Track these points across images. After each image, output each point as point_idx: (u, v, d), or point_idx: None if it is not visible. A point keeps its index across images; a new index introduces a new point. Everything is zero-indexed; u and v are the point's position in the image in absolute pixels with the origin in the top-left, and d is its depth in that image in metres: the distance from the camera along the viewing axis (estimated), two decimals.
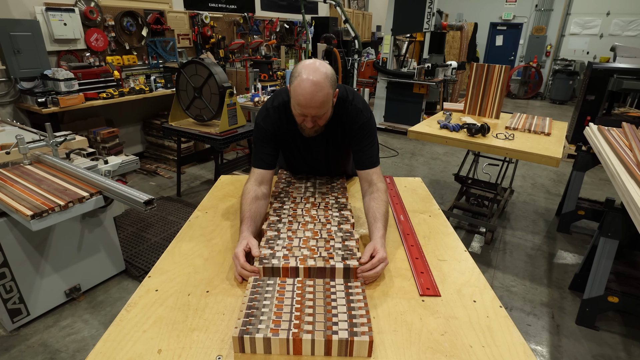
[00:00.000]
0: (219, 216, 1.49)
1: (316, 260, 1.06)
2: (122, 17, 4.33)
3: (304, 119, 1.28)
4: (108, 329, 0.90)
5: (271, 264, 1.03)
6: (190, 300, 1.01)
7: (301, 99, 1.19)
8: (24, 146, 2.11)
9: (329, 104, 1.26)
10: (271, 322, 0.87)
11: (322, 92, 1.19)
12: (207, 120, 3.35)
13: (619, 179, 1.87)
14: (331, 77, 1.22)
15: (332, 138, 1.47)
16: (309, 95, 1.18)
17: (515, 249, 3.04)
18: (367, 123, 1.41)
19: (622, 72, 4.15)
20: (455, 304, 1.01)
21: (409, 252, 1.25)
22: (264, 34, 6.41)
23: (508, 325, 0.93)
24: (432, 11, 5.85)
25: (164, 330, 0.90)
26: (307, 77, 1.17)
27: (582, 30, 9.53)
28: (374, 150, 1.42)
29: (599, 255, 2.10)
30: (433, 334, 0.90)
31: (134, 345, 0.86)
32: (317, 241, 1.17)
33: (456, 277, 1.12)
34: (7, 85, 3.61)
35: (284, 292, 0.97)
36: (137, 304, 0.99)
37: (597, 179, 4.53)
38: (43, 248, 2.13)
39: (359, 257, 1.08)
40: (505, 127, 2.94)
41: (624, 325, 2.26)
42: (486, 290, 1.06)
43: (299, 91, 1.19)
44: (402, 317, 0.96)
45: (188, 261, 1.19)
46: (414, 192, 1.72)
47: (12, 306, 2.06)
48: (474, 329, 0.92)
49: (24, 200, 1.75)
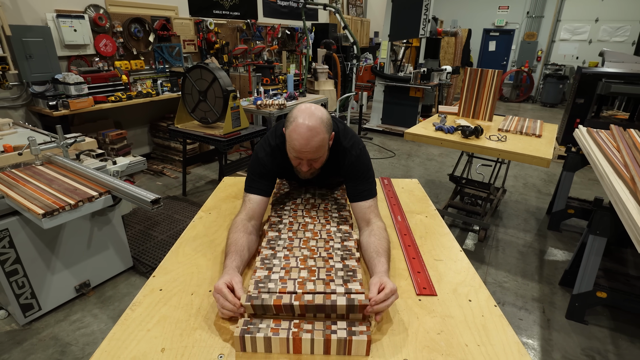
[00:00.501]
0: (222, 217, 1.48)
1: (316, 284, 0.96)
2: (130, 23, 4.33)
3: (299, 162, 1.24)
4: (113, 328, 0.89)
5: (261, 300, 0.87)
6: (193, 299, 0.99)
7: (296, 143, 1.16)
8: (35, 147, 2.11)
9: (325, 148, 1.22)
10: (271, 321, 0.86)
11: (318, 137, 1.15)
12: (212, 122, 3.35)
13: (607, 179, 1.87)
14: (327, 122, 1.18)
15: (326, 176, 1.44)
16: (304, 141, 1.14)
17: (508, 246, 3.04)
18: (357, 161, 1.33)
19: (610, 77, 4.15)
20: (451, 303, 1.00)
21: (406, 252, 1.24)
22: (266, 40, 6.41)
23: (503, 324, 0.92)
24: (428, 18, 5.85)
25: (168, 330, 0.89)
26: (303, 122, 1.14)
27: (572, 36, 9.53)
28: (368, 185, 1.32)
29: (588, 252, 2.10)
30: (429, 333, 0.89)
31: (138, 344, 0.85)
32: (317, 241, 1.17)
33: (452, 277, 1.11)
34: (20, 89, 3.61)
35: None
36: (142, 303, 0.98)
37: (586, 179, 4.53)
38: (54, 245, 2.13)
39: (361, 281, 0.98)
40: (498, 129, 2.94)
41: (612, 320, 2.26)
42: (481, 289, 1.06)
43: (294, 136, 1.15)
44: (399, 316, 0.95)
45: (192, 261, 1.17)
46: (410, 193, 1.71)
47: (24, 301, 2.06)
48: (469, 328, 0.91)
49: (36, 199, 1.75)
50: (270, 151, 1.35)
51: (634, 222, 1.49)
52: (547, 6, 9.85)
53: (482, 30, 10.86)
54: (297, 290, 0.93)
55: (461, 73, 7.63)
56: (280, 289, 0.93)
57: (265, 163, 1.34)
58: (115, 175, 2.25)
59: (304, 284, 0.96)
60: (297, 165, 1.27)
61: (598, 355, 2.00)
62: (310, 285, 0.95)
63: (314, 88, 5.49)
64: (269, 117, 3.91)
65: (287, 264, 1.05)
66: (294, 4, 7.12)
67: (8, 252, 1.94)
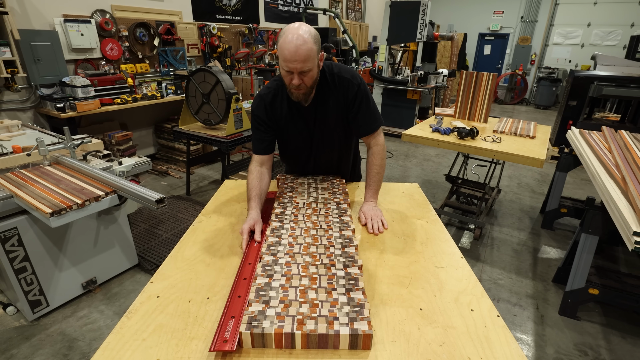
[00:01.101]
0: (222, 221, 1.42)
1: (317, 292, 0.93)
2: (136, 28, 4.33)
3: (291, 78, 1.26)
4: (107, 338, 0.85)
5: (262, 329, 0.82)
6: (190, 307, 0.95)
7: (286, 53, 1.19)
8: (43, 148, 2.11)
9: (314, 61, 1.24)
10: (275, 317, 0.84)
11: (306, 46, 1.18)
12: (215, 124, 3.35)
13: (599, 179, 1.87)
14: (315, 36, 1.22)
15: (321, 110, 1.46)
16: (294, 48, 1.17)
17: (502, 245, 3.03)
18: (360, 90, 1.41)
19: (602, 80, 4.15)
20: (452, 312, 0.95)
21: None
22: (268, 44, 6.41)
23: (506, 336, 0.87)
24: (425, 22, 5.85)
25: (163, 339, 0.84)
26: (292, 33, 1.18)
27: (565, 40, 9.52)
28: (373, 114, 1.46)
29: (580, 250, 2.10)
30: (431, 345, 0.84)
31: (133, 354, 0.80)
32: (317, 247, 1.12)
33: (453, 285, 1.05)
34: (28, 92, 3.61)
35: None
36: (138, 311, 0.93)
37: (579, 179, 4.52)
38: (61, 243, 2.13)
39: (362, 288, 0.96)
40: (492, 130, 2.93)
41: (603, 316, 2.25)
42: (483, 298, 1.00)
43: (284, 46, 1.19)
44: (400, 327, 0.89)
45: (190, 267, 1.13)
46: (411, 198, 1.65)
47: (33, 297, 2.06)
48: (472, 339, 0.86)
49: (44, 198, 1.75)
50: (259, 101, 1.45)
51: (624, 220, 1.48)
52: (541, 11, 9.85)
53: (477, 35, 10.86)
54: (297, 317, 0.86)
55: (457, 76, 7.63)
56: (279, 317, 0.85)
57: (257, 115, 1.46)
58: (121, 176, 2.25)
59: (305, 292, 0.93)
60: (289, 82, 1.29)
61: (590, 350, 2.00)
62: (312, 293, 0.92)
63: None
64: None
65: (289, 270, 1.01)
66: (294, 9, 7.12)
67: (17, 250, 1.94)
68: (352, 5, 8.97)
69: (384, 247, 1.23)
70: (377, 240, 1.28)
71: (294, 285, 0.95)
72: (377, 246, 1.24)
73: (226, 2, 5.62)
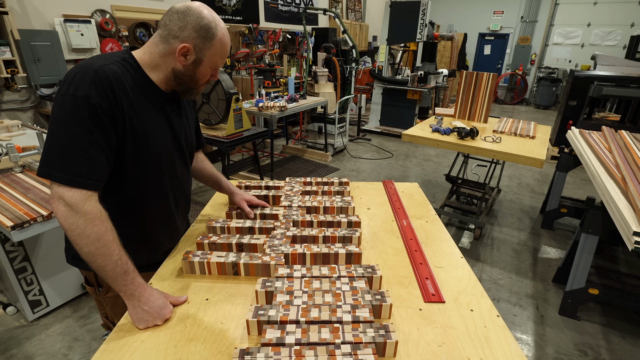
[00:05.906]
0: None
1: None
2: (135, 27, 4.33)
3: (214, 72, 1.05)
4: (107, 338, 0.85)
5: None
6: (189, 308, 0.94)
7: (227, 49, 1.02)
8: (14, 155, 2.02)
9: None
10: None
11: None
12: (215, 124, 3.35)
13: (599, 179, 1.87)
14: None
15: (183, 106, 1.16)
16: (229, 42, 1.03)
17: (502, 244, 3.03)
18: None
19: (602, 80, 4.15)
20: (452, 312, 0.94)
21: (412, 257, 1.17)
22: (268, 44, 6.41)
23: (506, 336, 0.87)
24: (425, 22, 5.85)
25: (162, 341, 0.84)
26: (223, 26, 1.00)
27: (565, 40, 9.53)
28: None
29: (580, 250, 2.10)
30: (431, 345, 0.83)
31: (132, 356, 0.80)
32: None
33: (453, 285, 1.05)
34: (28, 92, 3.61)
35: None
36: None
37: (579, 179, 4.52)
38: (62, 243, 2.13)
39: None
40: (492, 130, 2.94)
41: (603, 316, 2.26)
42: (483, 298, 1.00)
43: (226, 41, 1.00)
44: (400, 327, 0.89)
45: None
46: (411, 198, 1.64)
47: (33, 298, 2.06)
48: (471, 340, 0.86)
49: (7, 210, 1.65)
50: (97, 82, 0.84)
51: (624, 220, 1.48)
52: (541, 11, 9.85)
53: (477, 35, 10.87)
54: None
55: (457, 76, 7.64)
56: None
57: (94, 104, 0.83)
58: None
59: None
60: (211, 77, 1.05)
61: (590, 350, 2.00)
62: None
63: (314, 90, 5.49)
64: (271, 119, 3.90)
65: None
66: (294, 9, 7.12)
67: (17, 250, 1.94)
68: (352, 5, 8.97)
69: (384, 247, 1.23)
70: (377, 240, 1.28)
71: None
72: (377, 246, 1.24)
73: (226, 2, 5.62)
